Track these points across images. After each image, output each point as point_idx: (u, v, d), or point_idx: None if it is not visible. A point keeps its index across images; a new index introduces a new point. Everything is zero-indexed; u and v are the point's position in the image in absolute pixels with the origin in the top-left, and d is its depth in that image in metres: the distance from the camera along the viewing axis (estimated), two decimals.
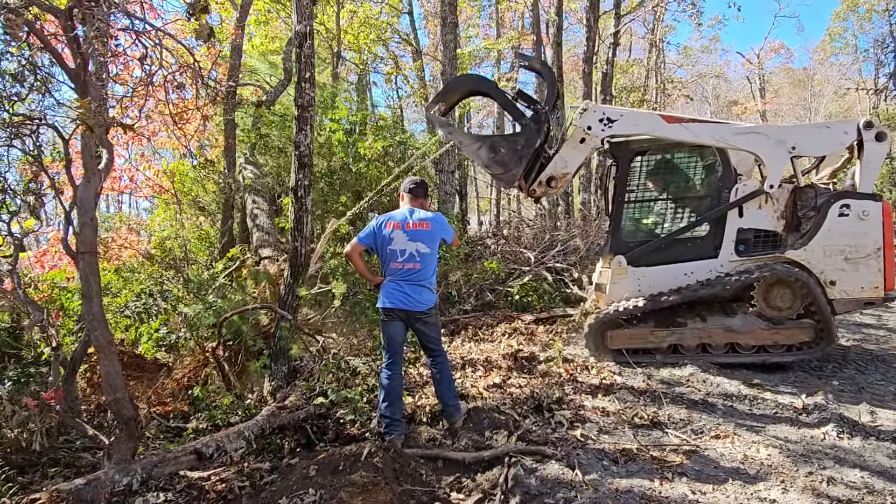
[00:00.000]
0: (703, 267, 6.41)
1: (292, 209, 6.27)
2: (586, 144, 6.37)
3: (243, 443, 4.10)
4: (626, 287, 6.55)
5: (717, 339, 6.24)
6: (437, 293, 4.66)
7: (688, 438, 4.45)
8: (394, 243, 4.40)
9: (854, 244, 5.96)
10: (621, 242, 6.70)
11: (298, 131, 6.22)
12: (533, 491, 3.62)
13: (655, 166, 6.92)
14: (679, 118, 6.25)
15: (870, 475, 3.88)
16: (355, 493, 3.45)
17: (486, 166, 6.48)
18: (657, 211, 7.00)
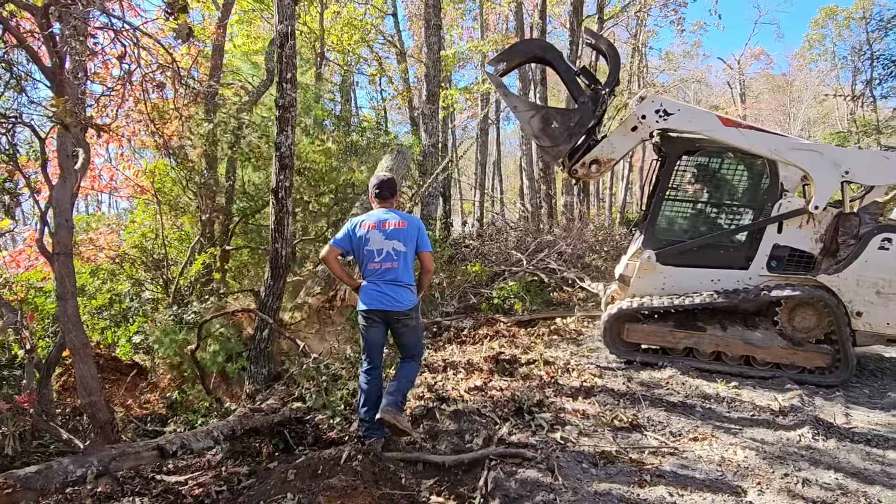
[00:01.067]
0: (731, 276, 6.33)
1: (273, 210, 6.23)
2: (637, 133, 6.25)
3: (211, 442, 4.04)
4: (652, 283, 6.48)
5: (735, 349, 6.19)
6: (419, 296, 4.54)
7: (666, 441, 4.48)
8: (370, 243, 4.30)
9: (889, 279, 5.83)
10: (654, 238, 6.60)
11: (280, 132, 6.19)
12: (512, 494, 3.62)
13: (702, 167, 6.79)
14: (737, 122, 6.11)
15: (844, 476, 3.94)
16: (334, 497, 3.43)
17: (536, 137, 6.37)
18: (696, 212, 6.90)
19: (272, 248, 6.24)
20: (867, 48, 23.66)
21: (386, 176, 4.60)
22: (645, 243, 6.60)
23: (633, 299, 6.45)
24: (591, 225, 15.71)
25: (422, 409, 4.99)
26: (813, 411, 5.10)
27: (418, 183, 12.82)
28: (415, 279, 4.48)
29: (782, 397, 5.38)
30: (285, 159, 6.19)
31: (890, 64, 18.18)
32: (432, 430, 4.69)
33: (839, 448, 4.42)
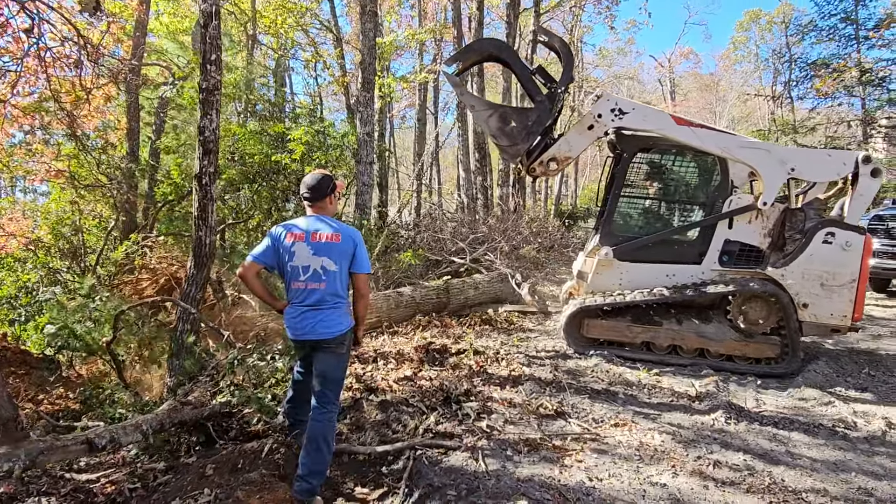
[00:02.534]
0: (685, 271, 6.51)
1: (196, 197, 5.99)
2: (593, 132, 6.38)
3: (140, 436, 3.85)
4: (609, 279, 6.62)
5: (689, 342, 6.39)
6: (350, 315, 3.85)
7: (589, 427, 4.59)
8: (295, 259, 3.63)
9: (832, 272, 6.12)
10: (611, 234, 6.74)
11: (203, 116, 5.95)
12: (436, 483, 3.63)
13: (656, 165, 6.96)
14: (689, 122, 6.27)
15: (752, 458, 4.14)
16: (253, 491, 3.35)
17: (494, 136, 6.38)
18: (650, 209, 7.08)
19: (195, 235, 6.01)
20: (786, 51, 24.98)
21: (317, 174, 3.85)
22: (602, 240, 6.75)
23: (590, 296, 6.57)
24: (526, 217, 15.94)
25: (349, 401, 4.93)
26: (727, 397, 5.34)
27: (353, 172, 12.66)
28: (348, 296, 3.82)
29: (699, 384, 5.62)
30: (209, 144, 5.96)
31: (806, 67, 19.18)
32: (359, 421, 4.64)
33: (749, 431, 4.64)
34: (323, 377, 3.68)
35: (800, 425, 4.81)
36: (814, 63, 18.28)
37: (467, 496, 3.44)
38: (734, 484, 3.77)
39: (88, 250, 9.70)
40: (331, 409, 3.66)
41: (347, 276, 3.73)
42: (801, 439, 4.54)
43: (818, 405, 5.36)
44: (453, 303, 8.79)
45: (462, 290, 8.99)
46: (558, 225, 16.87)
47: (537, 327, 8.03)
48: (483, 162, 17.48)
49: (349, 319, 3.77)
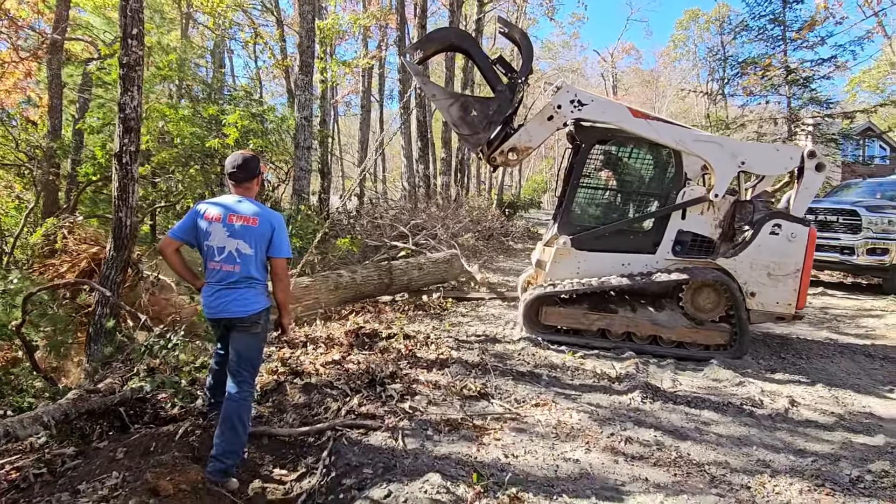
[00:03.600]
0: (640, 260, 6.66)
1: (116, 177, 5.78)
2: (553, 122, 6.44)
3: (40, 428, 3.70)
4: (567, 268, 6.71)
5: (643, 329, 6.52)
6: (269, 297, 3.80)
7: (511, 407, 4.69)
8: (211, 238, 3.58)
9: (778, 262, 6.37)
10: (569, 224, 6.85)
11: (124, 92, 5.75)
12: (353, 462, 3.64)
13: (613, 156, 7.08)
14: (645, 114, 6.40)
15: (662, 434, 4.32)
16: (163, 473, 3.28)
17: (455, 125, 6.39)
18: (607, 200, 7.22)
19: (115, 217, 5.81)
20: (721, 50, 25.89)
21: (246, 154, 3.81)
22: (560, 229, 6.85)
23: (547, 284, 6.65)
24: (467, 206, 16.05)
25: (273, 384, 4.89)
26: (645, 378, 5.54)
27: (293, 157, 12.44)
28: (267, 279, 3.78)
29: (620, 366, 5.81)
30: (130, 122, 5.76)
31: (736, 65, 19.92)
32: (281, 404, 4.62)
33: (663, 409, 4.84)
34: (238, 357, 3.64)
35: (711, 404, 5.04)
36: (744, 62, 19.06)
37: (383, 474, 3.47)
38: (643, 458, 3.93)
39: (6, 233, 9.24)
40: (246, 389, 3.62)
41: (265, 259, 3.69)
42: (710, 417, 4.77)
43: (731, 385, 5.62)
44: (396, 284, 8.73)
45: (406, 272, 8.92)
46: (498, 214, 17.05)
47: (470, 313, 8.12)
48: (425, 150, 17.48)
49: (265, 300, 3.72)
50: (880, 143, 29.21)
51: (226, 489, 3.49)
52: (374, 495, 3.20)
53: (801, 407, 5.11)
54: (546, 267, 6.83)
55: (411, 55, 6.53)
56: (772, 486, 3.66)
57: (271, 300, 3.81)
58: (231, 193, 3.79)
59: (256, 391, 4.73)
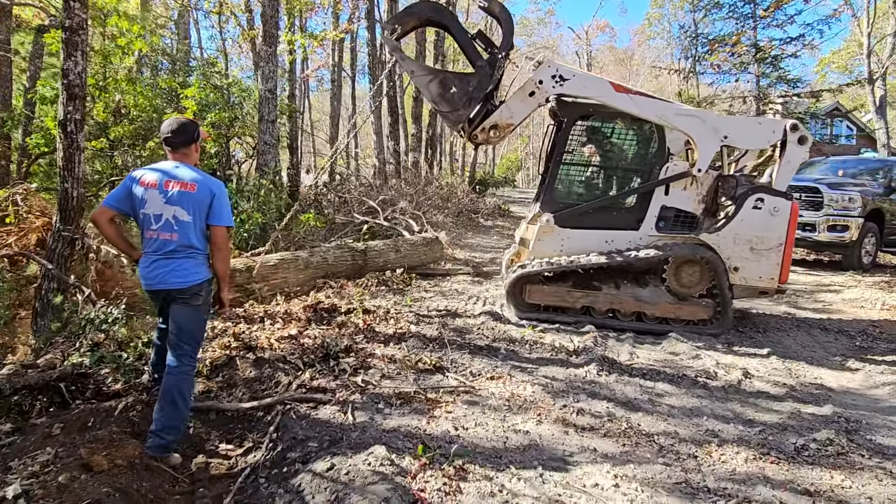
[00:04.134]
0: (623, 237, 6.60)
1: (61, 146, 5.56)
2: (535, 98, 6.29)
3: None
4: (550, 246, 6.63)
5: (627, 306, 6.49)
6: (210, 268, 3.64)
7: (465, 380, 4.66)
8: (147, 206, 3.39)
9: (761, 236, 6.36)
10: (552, 201, 6.75)
11: (67, 58, 5.49)
12: (300, 436, 3.58)
13: (596, 132, 6.96)
14: (627, 89, 6.29)
15: (614, 405, 4.33)
16: (98, 448, 3.17)
17: (434, 102, 6.25)
18: (590, 176, 7.10)
19: (61, 188, 5.59)
20: (693, 27, 25.91)
21: (180, 119, 3.66)
22: (543, 206, 6.76)
23: (530, 261, 6.60)
24: (436, 182, 15.93)
25: (224, 359, 4.78)
26: (602, 351, 5.55)
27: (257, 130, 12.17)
28: (207, 248, 3.60)
29: (578, 339, 5.81)
30: (74, 88, 5.52)
31: (706, 42, 19.97)
32: (231, 378, 4.52)
33: (618, 382, 4.85)
34: (178, 330, 3.50)
35: (665, 376, 5.07)
36: (713, 39, 19.11)
37: (329, 447, 3.41)
38: (593, 429, 3.93)
39: None
40: (186, 363, 3.51)
41: (205, 228, 3.53)
42: (664, 388, 4.80)
43: (687, 358, 5.67)
44: (371, 266, 8.61)
45: (382, 254, 8.81)
46: (468, 191, 16.97)
47: (433, 288, 8.07)
48: (395, 126, 17.27)
49: (206, 271, 3.58)
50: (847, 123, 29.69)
51: (167, 465, 3.41)
52: (317, 468, 3.15)
53: (754, 379, 5.17)
54: (529, 245, 6.76)
55: (388, 31, 6.35)
56: (718, 454, 3.69)
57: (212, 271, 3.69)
58: (167, 160, 3.62)
59: (206, 365, 4.64)
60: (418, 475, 3.12)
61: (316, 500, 2.91)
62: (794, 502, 3.19)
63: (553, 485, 3.20)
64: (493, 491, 3.07)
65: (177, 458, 3.49)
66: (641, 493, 3.16)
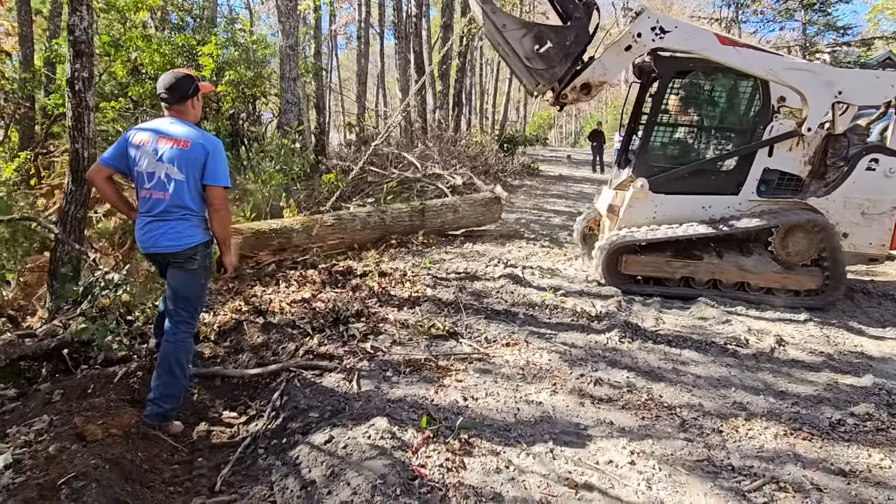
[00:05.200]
0: (721, 202, 6.19)
1: (69, 105, 5.43)
2: (631, 52, 5.78)
3: None
4: (642, 213, 6.23)
5: (730, 276, 6.11)
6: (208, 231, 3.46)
7: (479, 347, 4.48)
8: (140, 164, 3.24)
9: (873, 199, 5.91)
10: (645, 165, 6.27)
11: (72, 13, 5.30)
12: (302, 405, 3.45)
13: (695, 89, 6.49)
14: (734, 41, 5.79)
15: (635, 375, 4.10)
16: (94, 417, 3.10)
17: (527, 58, 5.67)
18: (686, 137, 6.63)
19: (72, 148, 5.47)
20: None
21: (178, 73, 3.43)
22: (636, 171, 6.28)
23: (629, 230, 6.22)
24: (464, 140, 15.56)
25: (232, 323, 4.68)
26: (626, 316, 5.31)
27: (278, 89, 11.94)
28: (204, 210, 3.41)
29: (601, 304, 5.56)
30: (80, 45, 5.33)
31: None
32: (238, 344, 4.43)
33: (641, 349, 4.61)
34: (174, 295, 3.37)
35: (692, 343, 4.81)
36: None
37: (329, 417, 3.27)
38: (611, 401, 3.72)
39: None
40: (184, 330, 3.38)
41: (199, 187, 3.33)
42: (690, 356, 4.54)
43: (716, 324, 5.38)
44: (427, 226, 8.36)
45: (440, 213, 8.51)
46: (496, 149, 16.56)
47: (454, 250, 7.84)
48: (421, 84, 16.84)
49: (202, 233, 3.39)
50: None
51: (167, 433, 3.33)
52: (316, 440, 3.01)
53: (788, 346, 4.89)
54: (619, 212, 6.33)
55: None
56: (745, 429, 3.46)
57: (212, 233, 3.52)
58: (165, 116, 3.43)
59: (214, 330, 4.55)
60: (420, 449, 2.96)
61: (312, 474, 2.78)
62: (827, 483, 2.95)
63: (564, 461, 3.01)
64: (499, 467, 2.91)
65: (178, 425, 3.41)
66: (659, 471, 2.96)
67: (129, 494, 2.65)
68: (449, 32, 17.21)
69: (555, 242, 8.58)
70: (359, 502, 2.52)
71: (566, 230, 9.45)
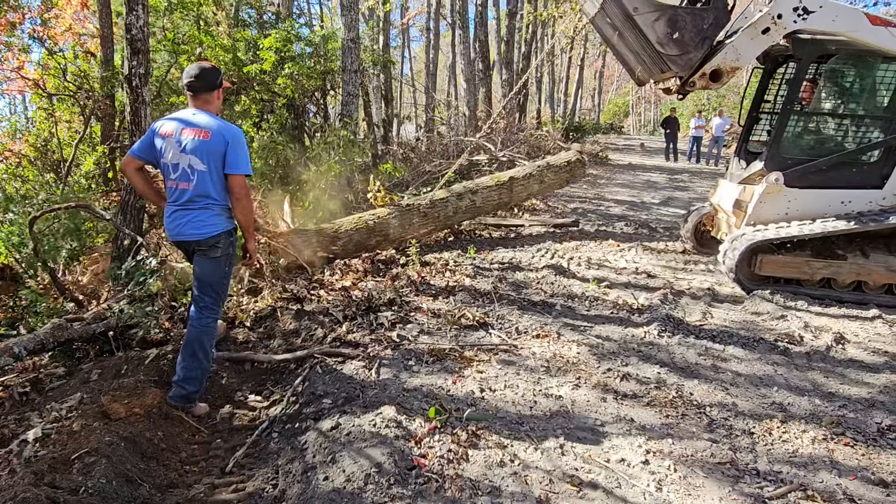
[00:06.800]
0: (863, 197, 5.79)
1: (127, 101, 5.74)
2: (769, 35, 5.39)
3: (10, 359, 3.66)
4: (774, 209, 5.87)
5: (877, 277, 5.64)
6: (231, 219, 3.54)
7: (507, 338, 4.39)
8: (165, 155, 3.36)
9: None
10: (778, 158, 5.86)
11: (129, 12, 5.60)
12: (319, 391, 3.49)
13: (837, 75, 6.06)
14: (886, 21, 5.33)
15: (668, 371, 3.91)
16: (121, 396, 3.26)
17: (660, 43, 5.39)
18: (827, 127, 6.21)
19: (130, 141, 5.79)
20: None
21: (204, 64, 3.56)
22: (769, 164, 5.88)
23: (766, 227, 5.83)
24: (528, 130, 15.33)
25: (269, 310, 4.81)
26: (672, 309, 5.07)
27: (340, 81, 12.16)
28: (227, 199, 3.48)
29: (645, 296, 5.34)
30: (137, 42, 5.63)
31: None
32: (271, 330, 4.54)
33: (680, 344, 4.39)
34: (199, 282, 3.49)
35: (739, 339, 4.53)
36: None
37: (343, 405, 3.30)
38: (636, 397, 3.56)
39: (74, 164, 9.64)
40: (208, 315, 3.49)
41: (222, 176, 3.41)
42: (733, 353, 4.28)
43: (770, 319, 5.06)
44: (515, 200, 8.24)
45: (526, 186, 8.18)
46: (560, 139, 16.21)
47: (503, 239, 7.73)
48: (486, 73, 16.71)
49: (226, 221, 3.47)
50: None
51: (192, 414, 3.47)
52: (323, 426, 3.05)
53: (849, 345, 4.53)
54: (748, 208, 5.97)
55: None
56: (780, 432, 3.23)
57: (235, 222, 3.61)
58: (187, 108, 3.54)
59: (250, 316, 4.69)
60: (424, 439, 2.93)
61: (315, 459, 2.81)
62: (863, 493, 2.72)
63: (573, 457, 2.91)
64: (502, 461, 2.84)
65: (202, 407, 3.54)
66: (673, 472, 2.80)
67: (142, 472, 2.77)
68: (514, 20, 16.96)
69: (608, 233, 8.30)
70: (351, 489, 2.52)
71: (624, 220, 9.14)
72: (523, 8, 21.58)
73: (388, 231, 6.61)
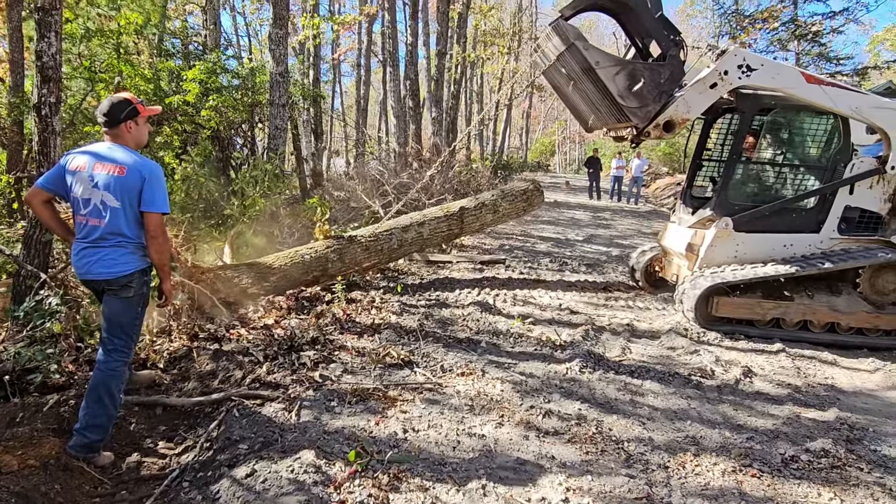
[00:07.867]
0: (803, 241, 6.15)
1: (35, 130, 5.45)
2: (716, 90, 5.68)
3: None
4: (724, 252, 6.17)
5: (821, 317, 5.93)
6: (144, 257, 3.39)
7: (432, 377, 4.37)
8: (75, 189, 3.21)
9: None
10: (726, 203, 6.20)
11: (40, 39, 5.34)
12: (235, 436, 3.35)
13: (775, 127, 6.49)
14: (819, 79, 5.76)
15: (588, 406, 3.99)
16: (14, 447, 3.01)
17: (621, 96, 5.60)
18: (766, 175, 6.56)
19: (37, 173, 5.48)
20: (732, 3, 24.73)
21: (116, 98, 3.38)
22: (717, 209, 6.22)
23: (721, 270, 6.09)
24: (456, 167, 15.55)
25: (184, 350, 4.60)
26: (591, 345, 5.20)
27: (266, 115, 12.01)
28: (142, 237, 3.32)
29: (568, 332, 5.46)
30: (48, 70, 5.37)
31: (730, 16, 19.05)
32: (186, 371, 4.34)
33: (601, 379, 4.50)
34: (108, 323, 3.30)
35: (656, 374, 4.69)
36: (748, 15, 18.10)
37: (259, 450, 3.17)
38: (557, 434, 3.61)
39: None
40: (116, 358, 3.30)
41: (137, 213, 3.27)
42: (650, 388, 4.42)
43: (685, 354, 5.27)
44: (467, 231, 7.99)
45: (478, 217, 7.89)
46: (489, 176, 16.56)
47: (430, 276, 7.76)
48: (416, 111, 16.94)
49: (139, 260, 3.33)
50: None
51: (95, 464, 3.24)
52: (238, 474, 2.91)
53: (755, 378, 4.77)
54: (699, 251, 6.24)
55: (563, 14, 5.77)
56: (693, 465, 3.33)
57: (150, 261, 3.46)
58: (106, 140, 3.39)
59: (163, 357, 4.47)
60: (344, 484, 2.85)
61: None
62: None
63: (494, 497, 2.90)
64: None
65: (107, 456, 3.32)
66: None
67: None
68: (443, 59, 17.34)
69: (533, 270, 8.49)
70: None
71: (549, 257, 9.37)
72: (452, 48, 22.13)
73: (328, 266, 6.38)
